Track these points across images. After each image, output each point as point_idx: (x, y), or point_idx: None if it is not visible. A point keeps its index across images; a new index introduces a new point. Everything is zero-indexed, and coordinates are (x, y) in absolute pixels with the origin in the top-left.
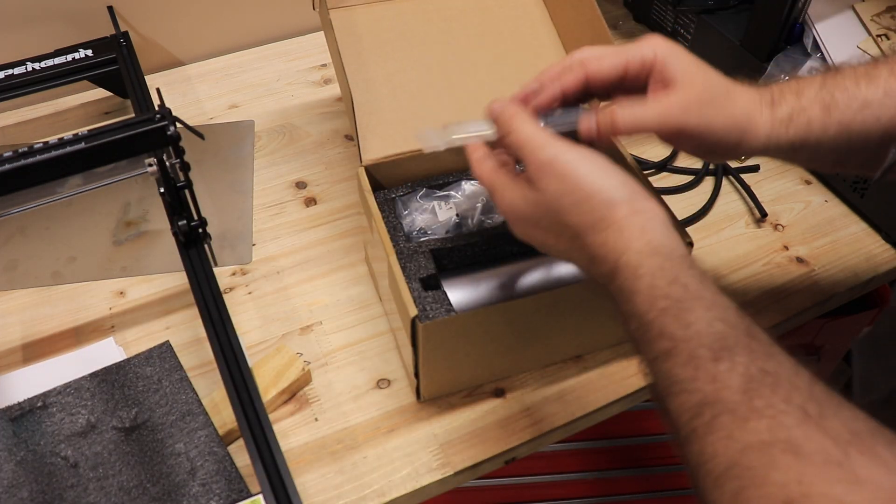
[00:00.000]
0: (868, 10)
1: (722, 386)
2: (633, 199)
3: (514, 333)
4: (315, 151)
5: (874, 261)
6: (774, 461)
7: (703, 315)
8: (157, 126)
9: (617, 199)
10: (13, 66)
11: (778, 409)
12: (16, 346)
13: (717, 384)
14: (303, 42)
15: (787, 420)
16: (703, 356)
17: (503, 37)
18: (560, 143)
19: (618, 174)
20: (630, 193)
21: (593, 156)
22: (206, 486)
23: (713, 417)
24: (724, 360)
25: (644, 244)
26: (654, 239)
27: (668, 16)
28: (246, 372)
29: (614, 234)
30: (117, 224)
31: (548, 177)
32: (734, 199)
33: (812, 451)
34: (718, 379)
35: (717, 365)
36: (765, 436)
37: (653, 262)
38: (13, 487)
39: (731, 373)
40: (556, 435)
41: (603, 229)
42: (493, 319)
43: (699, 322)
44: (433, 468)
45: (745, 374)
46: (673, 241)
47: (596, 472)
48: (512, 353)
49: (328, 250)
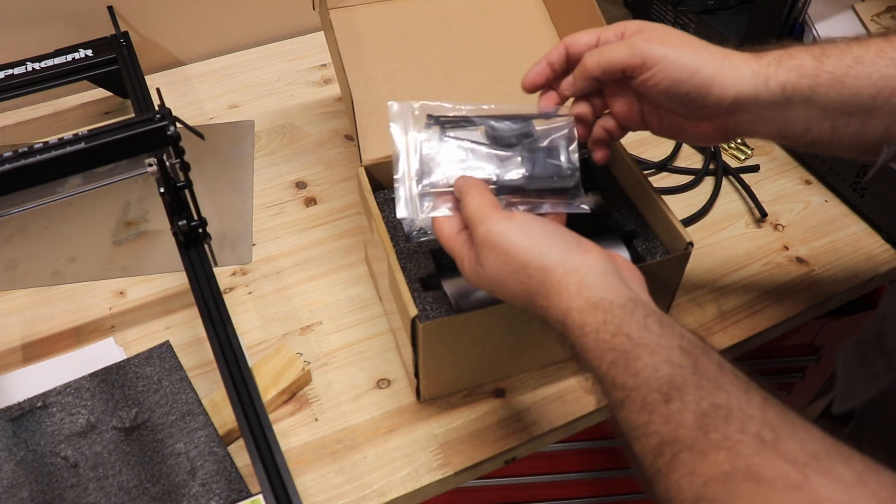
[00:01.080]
0: (868, 10)
1: (677, 425)
2: (565, 260)
3: (514, 334)
4: (315, 151)
5: (874, 261)
6: (737, 490)
7: (650, 361)
8: (157, 126)
9: (548, 263)
10: (13, 66)
11: (734, 439)
12: (16, 345)
13: (671, 424)
14: (303, 42)
15: (744, 449)
16: (654, 400)
17: (503, 37)
18: (495, 216)
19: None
20: (561, 254)
21: (527, 223)
22: (206, 486)
23: (673, 456)
24: (675, 399)
25: (583, 302)
26: (592, 296)
27: (668, 16)
28: (246, 372)
29: (555, 297)
30: (117, 224)
31: (486, 251)
32: (734, 198)
33: (772, 477)
34: (672, 419)
35: (668, 406)
36: (725, 467)
37: (595, 317)
38: (13, 487)
39: (684, 411)
40: (556, 435)
41: (544, 294)
42: (493, 319)
43: (646, 369)
44: (433, 468)
45: (696, 411)
46: (612, 292)
47: (596, 472)
48: (512, 353)
49: (328, 250)
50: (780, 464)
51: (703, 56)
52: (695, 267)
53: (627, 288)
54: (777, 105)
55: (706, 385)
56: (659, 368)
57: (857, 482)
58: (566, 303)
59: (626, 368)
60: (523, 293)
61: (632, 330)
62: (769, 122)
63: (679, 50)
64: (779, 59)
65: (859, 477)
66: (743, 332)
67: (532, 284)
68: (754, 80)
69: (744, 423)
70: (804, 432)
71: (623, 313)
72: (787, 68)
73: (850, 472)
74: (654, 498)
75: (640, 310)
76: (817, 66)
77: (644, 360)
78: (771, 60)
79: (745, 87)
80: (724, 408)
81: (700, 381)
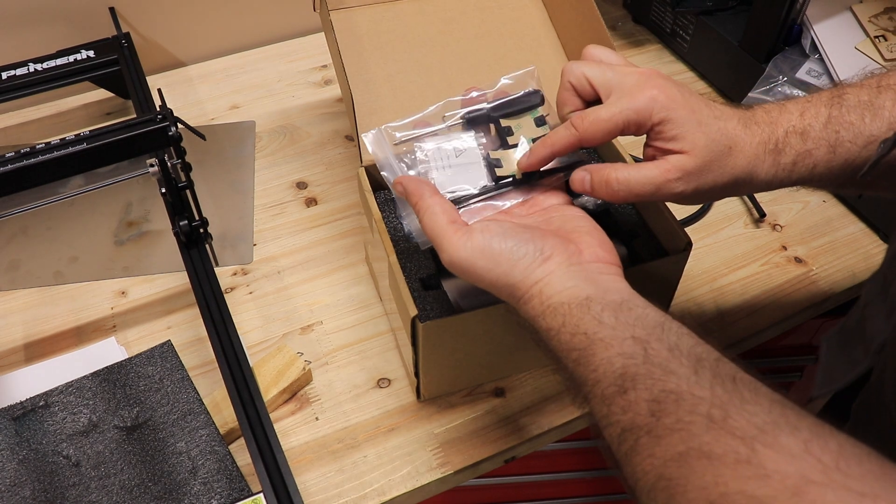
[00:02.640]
0: (866, 12)
1: (634, 414)
2: (527, 275)
3: (514, 333)
4: (316, 152)
5: (872, 261)
6: (692, 468)
7: (605, 356)
8: (159, 127)
9: (512, 282)
10: (15, 66)
11: (685, 421)
12: (18, 345)
13: (629, 413)
14: (303, 43)
15: (695, 429)
16: (612, 393)
17: (503, 37)
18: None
19: (507, 254)
20: (523, 270)
21: (485, 242)
22: (207, 485)
23: (635, 441)
24: (630, 390)
25: (545, 308)
26: (553, 302)
27: (667, 17)
28: (247, 371)
29: (525, 307)
30: (119, 224)
31: (459, 272)
32: (733, 199)
33: (722, 453)
34: (629, 409)
35: (625, 397)
36: (679, 448)
37: (556, 321)
38: (15, 486)
39: (638, 401)
40: (556, 434)
41: (518, 306)
42: (493, 319)
43: (602, 364)
44: (433, 467)
45: (649, 399)
46: (568, 294)
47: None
48: (512, 353)
49: (329, 250)
50: (729, 440)
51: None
52: (693, 267)
53: (588, 284)
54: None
55: (656, 372)
56: (613, 361)
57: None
58: (532, 311)
59: (587, 365)
60: (506, 302)
61: (588, 327)
62: None
63: (708, 181)
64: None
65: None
66: (741, 332)
67: (506, 298)
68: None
69: (693, 404)
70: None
71: (580, 312)
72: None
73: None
74: (624, 481)
75: (595, 305)
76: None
77: (600, 355)
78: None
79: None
80: (675, 392)
81: (651, 370)
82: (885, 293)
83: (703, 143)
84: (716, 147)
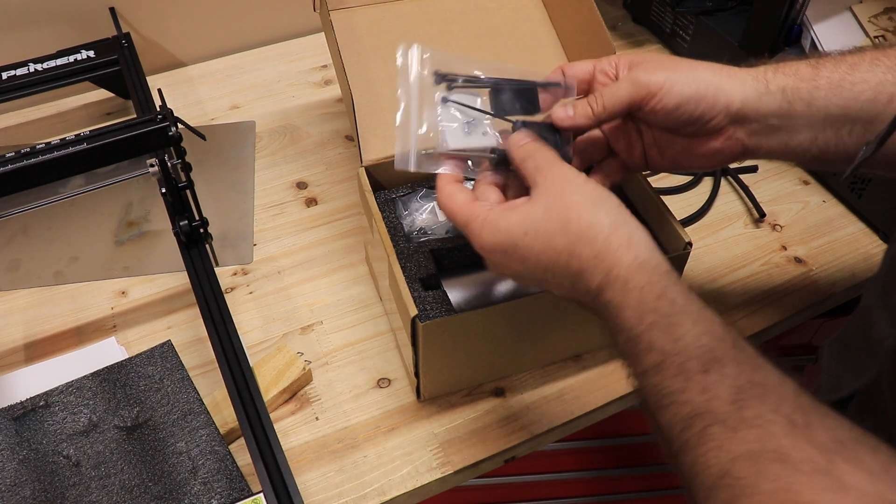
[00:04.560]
0: (866, 12)
1: (712, 396)
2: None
3: (514, 333)
4: (316, 152)
5: (872, 261)
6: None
7: (691, 329)
8: (159, 127)
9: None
10: (16, 66)
11: (766, 418)
12: (18, 345)
13: (706, 395)
14: (304, 43)
15: (775, 429)
16: (692, 368)
17: (503, 38)
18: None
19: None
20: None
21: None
22: (207, 485)
23: (704, 428)
24: (714, 371)
25: (632, 259)
26: (641, 254)
27: (667, 17)
28: (247, 371)
29: (604, 247)
30: (119, 224)
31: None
32: (733, 199)
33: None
34: (708, 390)
35: (706, 376)
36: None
37: (641, 277)
38: (16, 486)
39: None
40: (556, 434)
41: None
42: (493, 319)
43: (687, 335)
44: (433, 467)
45: (733, 385)
46: (657, 257)
47: (595, 471)
48: (512, 353)
49: (329, 250)
50: (808, 448)
51: (703, 71)
52: (693, 267)
53: None
54: (781, 113)
55: (746, 361)
56: (700, 337)
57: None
58: (614, 256)
59: (667, 332)
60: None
61: (676, 296)
62: (774, 132)
63: (678, 71)
64: (775, 67)
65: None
66: (741, 332)
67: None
68: (756, 83)
69: (778, 403)
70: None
71: (669, 278)
72: (784, 73)
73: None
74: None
75: (682, 281)
76: (814, 72)
77: (686, 326)
78: (768, 68)
79: (749, 91)
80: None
81: (740, 356)
82: (885, 298)
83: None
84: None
